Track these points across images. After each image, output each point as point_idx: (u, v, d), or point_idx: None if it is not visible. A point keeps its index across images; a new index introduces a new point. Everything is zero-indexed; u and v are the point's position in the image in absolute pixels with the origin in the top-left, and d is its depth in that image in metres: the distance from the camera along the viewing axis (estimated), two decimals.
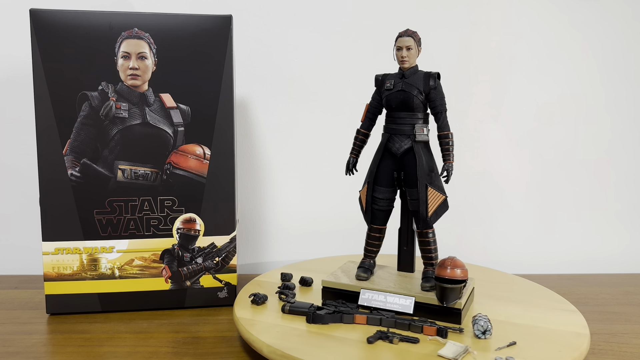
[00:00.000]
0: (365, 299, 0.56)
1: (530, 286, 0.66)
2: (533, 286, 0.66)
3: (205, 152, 0.64)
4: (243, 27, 0.81)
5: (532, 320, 0.55)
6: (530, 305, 0.59)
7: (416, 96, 0.57)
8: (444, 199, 0.57)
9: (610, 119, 0.86)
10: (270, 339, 0.50)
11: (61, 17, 0.60)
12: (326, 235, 0.86)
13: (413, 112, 0.57)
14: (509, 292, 0.64)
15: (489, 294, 0.62)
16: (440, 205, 0.57)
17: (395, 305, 0.55)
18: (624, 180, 0.87)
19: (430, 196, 0.57)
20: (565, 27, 0.85)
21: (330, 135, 0.84)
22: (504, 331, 0.52)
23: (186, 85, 0.62)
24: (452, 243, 0.87)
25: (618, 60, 0.85)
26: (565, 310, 0.58)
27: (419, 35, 0.58)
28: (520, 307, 0.59)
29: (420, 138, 0.57)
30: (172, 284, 0.65)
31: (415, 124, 0.57)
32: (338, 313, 0.53)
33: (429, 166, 0.57)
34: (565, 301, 0.61)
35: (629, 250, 0.88)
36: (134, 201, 0.63)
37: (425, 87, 0.57)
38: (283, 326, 0.53)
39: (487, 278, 0.68)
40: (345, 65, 0.84)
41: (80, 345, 0.55)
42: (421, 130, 0.57)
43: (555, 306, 0.59)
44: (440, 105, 0.57)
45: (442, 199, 0.57)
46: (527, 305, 0.59)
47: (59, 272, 0.62)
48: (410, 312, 0.54)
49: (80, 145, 0.61)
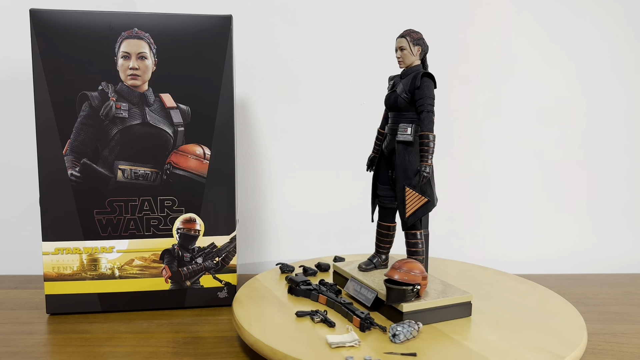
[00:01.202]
0: (348, 287, 0.60)
1: (530, 286, 0.66)
2: (533, 285, 0.66)
3: (205, 152, 0.64)
4: (243, 27, 0.81)
5: (532, 319, 0.55)
6: (530, 304, 0.59)
7: (400, 95, 0.57)
8: (426, 201, 0.56)
9: (610, 119, 0.86)
10: (270, 338, 0.50)
11: (61, 17, 0.60)
12: (326, 235, 0.86)
13: (400, 112, 0.58)
14: (508, 291, 0.64)
15: (489, 294, 0.62)
16: (421, 207, 0.56)
17: (362, 296, 0.57)
18: (624, 181, 0.87)
19: (409, 197, 0.56)
20: (565, 27, 0.85)
21: (330, 135, 0.85)
22: (505, 331, 0.52)
23: (186, 85, 0.62)
24: (452, 243, 0.87)
25: (617, 60, 0.85)
26: (564, 310, 0.58)
27: (418, 35, 0.57)
28: (519, 306, 0.59)
29: (401, 138, 0.57)
30: (172, 284, 0.65)
31: (400, 124, 0.58)
32: (310, 291, 0.60)
33: (412, 167, 0.56)
34: (564, 300, 0.61)
35: (629, 250, 0.89)
36: (134, 201, 0.63)
37: (410, 87, 0.57)
38: (284, 326, 0.53)
39: (487, 277, 0.68)
40: (346, 65, 0.84)
41: (80, 345, 0.55)
42: (404, 130, 0.57)
43: (555, 305, 0.60)
44: (422, 105, 0.56)
45: (423, 201, 0.56)
46: (527, 304, 0.59)
47: (59, 272, 0.62)
48: (369, 305, 0.56)
49: (80, 145, 0.61)
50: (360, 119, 0.84)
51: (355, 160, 0.84)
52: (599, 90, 0.86)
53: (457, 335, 0.52)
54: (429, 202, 0.56)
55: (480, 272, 0.71)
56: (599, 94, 0.86)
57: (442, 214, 0.85)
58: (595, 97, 0.86)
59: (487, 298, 0.61)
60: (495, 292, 0.63)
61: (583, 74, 0.85)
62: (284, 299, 0.60)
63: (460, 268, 0.73)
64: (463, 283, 0.65)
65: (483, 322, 0.55)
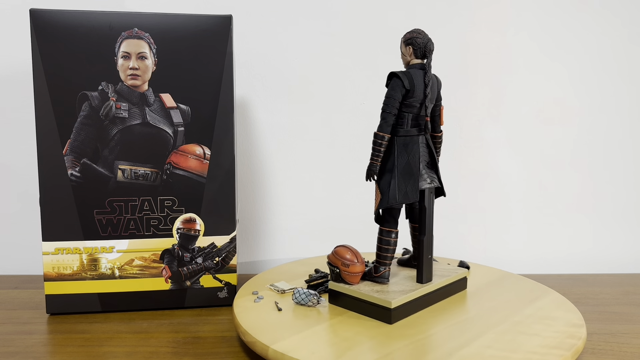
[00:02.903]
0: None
1: (530, 285, 0.66)
2: (533, 285, 0.66)
3: (205, 152, 0.64)
4: (243, 27, 0.81)
5: (531, 318, 0.55)
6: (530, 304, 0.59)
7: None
8: (380, 198, 0.58)
9: (610, 119, 0.86)
10: (270, 338, 0.50)
11: (61, 17, 0.60)
12: (326, 235, 0.86)
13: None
14: (508, 290, 0.64)
15: (488, 293, 0.62)
16: (379, 203, 0.58)
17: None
18: (624, 181, 0.87)
19: (375, 193, 0.59)
20: (565, 27, 0.85)
21: (330, 135, 0.84)
22: (504, 331, 0.52)
23: (186, 85, 0.62)
24: (453, 243, 0.87)
25: (618, 60, 0.85)
26: (564, 309, 0.58)
27: (408, 35, 0.58)
28: (518, 305, 0.59)
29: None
30: (172, 284, 0.65)
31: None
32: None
33: (383, 164, 0.58)
34: (565, 300, 0.61)
35: (629, 250, 0.88)
36: (134, 201, 0.63)
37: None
38: (284, 326, 0.53)
39: (487, 276, 0.68)
40: (346, 65, 0.84)
41: (80, 345, 0.55)
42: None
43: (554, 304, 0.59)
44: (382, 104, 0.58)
45: (379, 197, 0.58)
46: (527, 304, 0.59)
47: (59, 272, 0.62)
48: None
49: (80, 145, 0.61)
50: (361, 119, 0.84)
51: (355, 160, 0.84)
52: (599, 90, 0.86)
53: (457, 334, 0.52)
54: (382, 199, 0.58)
55: (479, 270, 0.71)
56: (598, 94, 0.86)
57: (442, 213, 0.85)
58: (594, 98, 0.86)
59: (486, 296, 0.61)
60: (494, 290, 0.63)
61: (582, 74, 0.85)
62: (284, 299, 0.60)
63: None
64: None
65: (483, 321, 0.55)
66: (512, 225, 0.87)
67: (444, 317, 0.56)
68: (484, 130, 0.86)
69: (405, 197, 0.57)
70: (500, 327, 0.53)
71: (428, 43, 0.57)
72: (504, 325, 0.54)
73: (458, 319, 0.55)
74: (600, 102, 0.86)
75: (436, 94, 0.59)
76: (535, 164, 0.86)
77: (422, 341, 0.50)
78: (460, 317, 0.56)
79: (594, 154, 0.87)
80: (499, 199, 0.87)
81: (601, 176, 0.87)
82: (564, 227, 0.88)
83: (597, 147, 0.87)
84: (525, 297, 0.62)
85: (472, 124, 0.85)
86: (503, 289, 0.64)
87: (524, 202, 0.87)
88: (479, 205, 0.87)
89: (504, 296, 0.62)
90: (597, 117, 0.86)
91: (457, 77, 0.84)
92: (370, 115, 0.83)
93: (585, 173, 0.87)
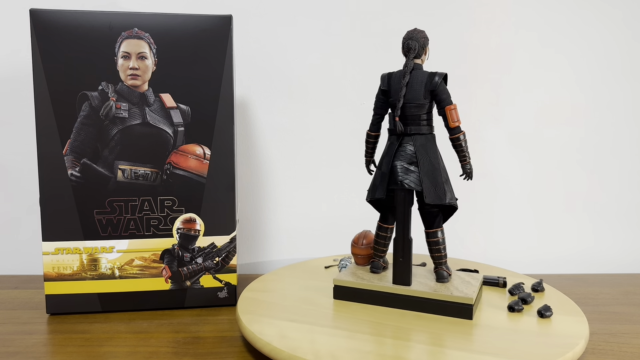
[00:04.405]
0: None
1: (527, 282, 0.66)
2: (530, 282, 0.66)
3: (205, 152, 0.64)
4: (243, 27, 0.81)
5: (532, 318, 0.55)
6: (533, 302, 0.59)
7: None
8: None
9: (610, 119, 0.86)
10: (273, 338, 0.50)
11: (61, 17, 0.60)
12: (326, 235, 0.86)
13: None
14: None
15: (487, 291, 0.62)
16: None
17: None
18: (624, 181, 0.87)
19: None
20: (565, 28, 0.85)
21: (330, 135, 0.84)
22: (503, 330, 0.52)
23: (186, 85, 0.62)
24: (453, 243, 0.87)
25: (618, 61, 0.85)
26: (566, 308, 0.58)
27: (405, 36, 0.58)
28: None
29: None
30: (172, 284, 0.65)
31: None
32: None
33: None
34: (567, 299, 0.61)
35: (629, 250, 0.89)
36: (134, 201, 0.63)
37: None
38: (284, 325, 0.53)
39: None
40: (346, 65, 0.84)
41: (80, 345, 0.55)
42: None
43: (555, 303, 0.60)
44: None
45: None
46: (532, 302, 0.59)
47: (59, 272, 0.62)
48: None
49: (80, 145, 0.61)
50: (361, 119, 0.84)
51: (355, 160, 0.84)
52: (599, 90, 0.86)
53: (458, 334, 0.52)
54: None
55: (480, 269, 0.71)
56: (598, 94, 0.86)
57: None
58: (595, 97, 0.86)
59: (485, 294, 0.61)
60: (494, 289, 0.63)
61: (583, 74, 0.85)
62: (286, 299, 0.60)
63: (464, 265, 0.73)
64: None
65: (485, 319, 0.55)
66: (512, 225, 0.87)
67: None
68: (484, 130, 0.86)
69: (372, 193, 0.59)
70: (501, 326, 0.54)
71: (407, 41, 0.57)
72: (504, 324, 0.54)
73: (458, 319, 0.55)
74: (600, 101, 0.86)
75: (420, 94, 0.56)
76: (535, 163, 0.86)
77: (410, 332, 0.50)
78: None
79: (593, 154, 0.87)
80: (499, 199, 0.87)
81: (601, 176, 0.87)
82: (563, 227, 0.88)
83: (597, 147, 0.87)
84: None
85: (472, 124, 0.85)
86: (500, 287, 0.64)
87: (523, 202, 0.87)
88: (479, 205, 0.87)
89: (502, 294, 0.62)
90: (597, 116, 0.86)
91: (457, 78, 0.84)
92: (370, 115, 0.83)
93: (584, 173, 0.87)
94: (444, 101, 0.56)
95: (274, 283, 0.66)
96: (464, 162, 0.58)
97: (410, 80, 0.56)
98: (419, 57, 0.57)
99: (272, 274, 0.69)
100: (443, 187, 0.57)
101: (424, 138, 0.58)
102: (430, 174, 0.57)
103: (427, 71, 0.57)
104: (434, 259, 0.60)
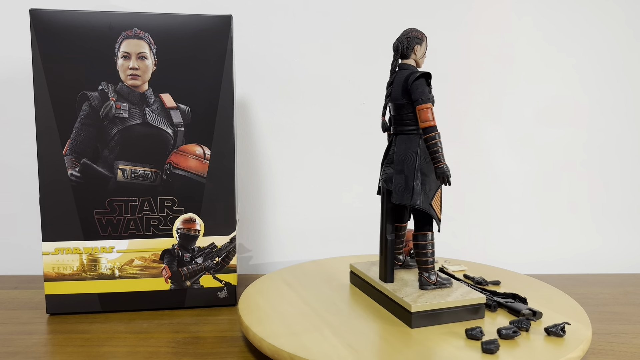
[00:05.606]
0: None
1: (531, 282, 0.66)
2: (533, 283, 0.66)
3: (205, 152, 0.64)
4: (243, 27, 0.81)
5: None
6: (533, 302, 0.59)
7: None
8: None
9: (611, 119, 0.86)
10: (275, 338, 0.50)
11: (61, 17, 0.60)
12: (326, 235, 0.86)
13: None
14: (511, 289, 0.64)
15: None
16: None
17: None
18: (624, 181, 0.87)
19: None
20: (565, 28, 0.85)
21: (330, 135, 0.84)
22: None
23: (186, 85, 0.62)
24: (453, 243, 0.87)
25: (618, 61, 0.85)
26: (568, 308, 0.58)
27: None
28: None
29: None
30: (172, 284, 0.65)
31: None
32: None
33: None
34: (568, 298, 0.61)
35: (629, 250, 0.89)
36: (134, 201, 0.63)
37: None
38: (285, 325, 0.53)
39: (487, 276, 0.68)
40: (346, 65, 0.84)
41: (80, 345, 0.55)
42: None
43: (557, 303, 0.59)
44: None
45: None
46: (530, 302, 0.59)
47: (59, 272, 0.62)
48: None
49: (80, 145, 0.61)
50: (361, 119, 0.84)
51: (355, 160, 0.84)
52: (601, 90, 0.86)
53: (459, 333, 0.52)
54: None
55: (479, 269, 0.71)
56: (600, 94, 0.86)
57: (443, 214, 0.85)
58: (596, 97, 0.86)
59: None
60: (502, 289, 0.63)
61: (584, 74, 0.85)
62: (288, 300, 0.60)
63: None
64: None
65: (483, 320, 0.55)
66: (512, 225, 0.87)
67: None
68: (484, 130, 0.86)
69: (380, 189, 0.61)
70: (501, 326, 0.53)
71: (394, 43, 0.57)
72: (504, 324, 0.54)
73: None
74: (602, 102, 0.86)
75: (399, 93, 0.56)
76: (535, 164, 0.86)
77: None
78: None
79: (594, 154, 0.87)
80: (499, 199, 0.87)
81: (602, 177, 0.87)
82: (564, 227, 0.88)
83: (598, 147, 0.87)
84: (528, 296, 0.62)
85: (472, 124, 0.85)
86: (504, 288, 0.64)
87: (523, 202, 0.87)
88: (479, 205, 0.87)
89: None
90: (598, 117, 0.86)
91: (458, 78, 0.84)
92: (370, 115, 0.83)
93: (585, 173, 0.87)
94: (416, 100, 0.55)
95: (274, 283, 0.66)
96: (437, 164, 0.54)
97: (394, 81, 0.57)
98: (406, 57, 0.57)
99: (273, 274, 0.69)
100: (414, 189, 0.55)
101: (406, 138, 0.57)
102: (401, 173, 0.56)
103: (409, 71, 0.56)
104: (417, 262, 0.58)
